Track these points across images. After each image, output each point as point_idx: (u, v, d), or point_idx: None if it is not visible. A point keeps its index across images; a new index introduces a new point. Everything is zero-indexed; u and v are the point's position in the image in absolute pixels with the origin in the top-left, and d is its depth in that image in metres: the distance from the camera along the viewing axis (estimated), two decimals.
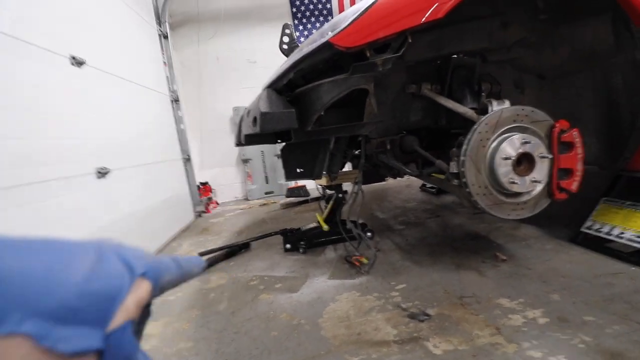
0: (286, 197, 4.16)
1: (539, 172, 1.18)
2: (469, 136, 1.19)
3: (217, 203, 4.50)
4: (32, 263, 0.18)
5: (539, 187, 1.21)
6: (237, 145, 1.81)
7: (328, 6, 4.73)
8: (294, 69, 1.20)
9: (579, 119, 1.53)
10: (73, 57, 1.94)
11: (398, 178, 2.22)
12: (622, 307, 1.20)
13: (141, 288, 0.23)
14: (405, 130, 1.70)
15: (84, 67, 2.04)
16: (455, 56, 1.52)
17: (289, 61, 1.24)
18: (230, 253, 2.28)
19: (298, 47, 1.40)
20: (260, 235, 2.47)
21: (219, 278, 1.97)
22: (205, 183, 4.32)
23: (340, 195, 2.22)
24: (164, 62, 3.69)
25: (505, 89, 1.63)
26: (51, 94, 1.76)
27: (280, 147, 1.77)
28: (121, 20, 2.77)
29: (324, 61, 1.16)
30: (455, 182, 1.27)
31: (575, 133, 1.19)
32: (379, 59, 1.08)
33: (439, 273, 1.64)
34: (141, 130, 2.78)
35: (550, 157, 1.17)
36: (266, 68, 4.49)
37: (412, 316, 1.33)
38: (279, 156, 4.52)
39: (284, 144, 1.77)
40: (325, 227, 2.22)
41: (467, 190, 1.20)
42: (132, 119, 2.65)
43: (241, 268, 2.09)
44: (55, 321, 0.18)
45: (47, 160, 1.66)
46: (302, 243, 2.18)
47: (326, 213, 2.27)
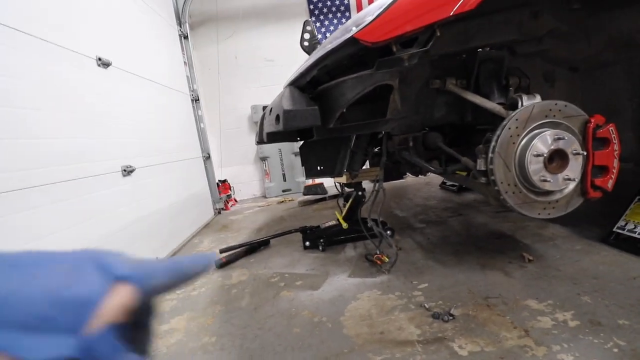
0: (303, 194, 4.17)
1: (572, 170, 1.13)
2: (497, 132, 1.15)
3: (235, 200, 4.56)
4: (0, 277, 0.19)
5: (572, 185, 1.16)
6: (258, 143, 1.82)
7: (346, 2, 4.69)
8: (317, 65, 1.19)
9: (614, 113, 1.46)
10: (99, 59, 2.00)
11: (420, 176, 2.18)
12: None
13: (122, 292, 0.23)
14: (429, 126, 1.67)
15: (110, 68, 2.11)
16: (481, 50, 1.47)
17: (312, 58, 1.24)
18: (250, 250, 2.31)
19: (321, 44, 1.39)
20: (280, 232, 2.49)
21: (240, 274, 2.00)
22: (224, 181, 4.39)
23: (360, 193, 2.20)
24: (185, 62, 3.76)
25: (535, 83, 1.57)
26: (80, 94, 1.82)
27: (299, 144, 1.77)
28: (144, 22, 2.84)
29: (349, 57, 1.15)
30: (482, 179, 1.23)
31: (611, 128, 1.13)
32: (406, 53, 1.06)
33: (463, 273, 1.61)
34: (163, 129, 2.85)
35: (585, 153, 1.12)
36: (284, 66, 4.51)
37: (436, 316, 1.30)
38: (297, 154, 4.54)
39: (302, 142, 1.77)
40: (344, 225, 2.21)
41: (496, 188, 1.16)
42: (155, 118, 2.72)
43: (261, 265, 2.11)
44: (25, 331, 0.18)
45: (79, 159, 1.72)
46: (322, 241, 2.18)
47: (345, 211, 2.26)
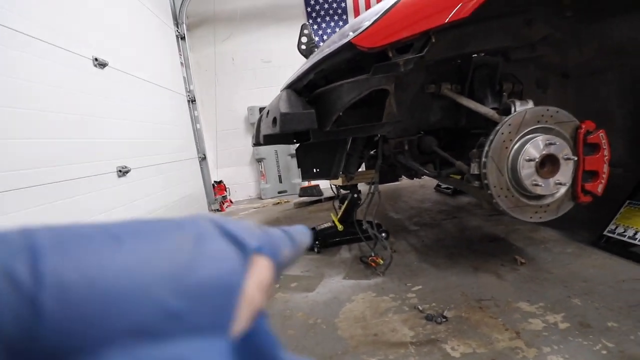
0: (299, 196, 4.18)
1: (563, 174, 1.16)
2: (491, 137, 1.17)
3: (231, 202, 4.55)
4: (105, 263, 0.12)
5: (563, 189, 1.18)
6: (255, 145, 1.83)
7: (343, 5, 4.72)
8: (314, 69, 1.21)
9: (604, 119, 1.49)
10: (96, 59, 2.00)
11: (414, 178, 2.20)
12: None
13: (261, 268, 0.16)
14: (424, 130, 1.69)
15: (106, 68, 2.10)
16: (476, 55, 1.50)
17: (309, 62, 1.25)
18: None
19: (318, 48, 1.40)
20: None
21: None
22: (220, 182, 4.38)
23: (355, 196, 2.22)
24: (181, 63, 3.76)
25: (528, 89, 1.60)
26: (76, 95, 1.82)
27: (295, 146, 1.78)
28: (141, 22, 2.84)
29: (345, 62, 1.17)
30: (476, 183, 1.25)
31: (602, 134, 1.16)
32: (402, 59, 1.07)
33: (456, 275, 1.63)
34: (159, 130, 2.84)
35: (575, 159, 1.14)
36: (280, 68, 4.52)
37: (429, 318, 1.32)
38: (293, 155, 4.55)
39: (298, 144, 1.78)
40: (340, 227, 2.22)
41: (489, 191, 1.18)
42: (151, 118, 2.72)
43: None
44: (152, 339, 0.12)
45: (75, 159, 1.72)
46: (317, 243, 2.18)
47: (341, 213, 2.27)
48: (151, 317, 0.12)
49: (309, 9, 4.71)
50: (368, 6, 4.75)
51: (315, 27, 4.74)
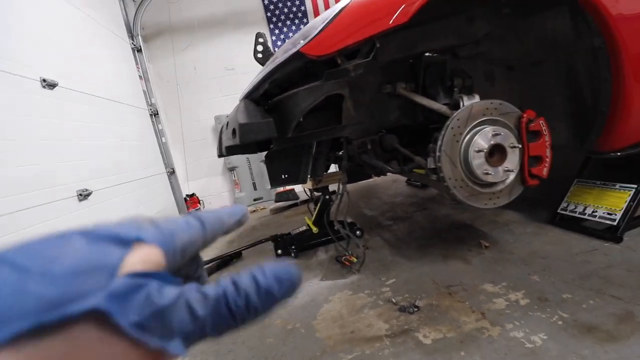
0: (275, 202, 4.16)
1: (511, 162, 1.24)
2: (442, 132, 1.23)
3: None
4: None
5: (512, 175, 1.26)
6: (219, 156, 1.82)
7: (302, 9, 4.75)
8: (268, 79, 1.22)
9: (548, 106, 1.60)
10: (44, 80, 1.91)
11: (383, 176, 2.26)
12: (597, 282, 1.26)
13: (141, 249, 0.20)
14: (385, 129, 1.74)
15: (56, 89, 2.01)
16: (426, 54, 1.57)
17: (264, 71, 1.26)
18: (222, 264, 2.28)
19: (273, 56, 1.42)
20: (251, 243, 2.48)
21: None
22: (192, 195, 4.29)
23: (327, 197, 2.25)
24: (140, 76, 3.65)
25: (477, 83, 1.69)
26: (24, 118, 1.73)
27: (266, 153, 1.79)
28: (92, 38, 2.74)
29: (298, 70, 1.19)
30: (433, 176, 1.31)
31: (541, 122, 1.25)
32: (350, 64, 1.11)
33: (427, 265, 1.69)
34: (121, 148, 2.75)
35: (520, 146, 1.22)
36: (245, 74, 4.48)
37: (402, 309, 1.37)
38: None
39: (263, 152, 1.79)
40: (314, 230, 2.24)
41: (445, 183, 1.24)
42: (111, 136, 2.62)
43: None
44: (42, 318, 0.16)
45: (28, 187, 1.63)
46: (293, 247, 2.20)
47: (315, 215, 2.30)
48: (35, 303, 0.16)
49: (268, 14, 4.70)
50: (328, 9, 4.81)
51: (276, 31, 4.75)
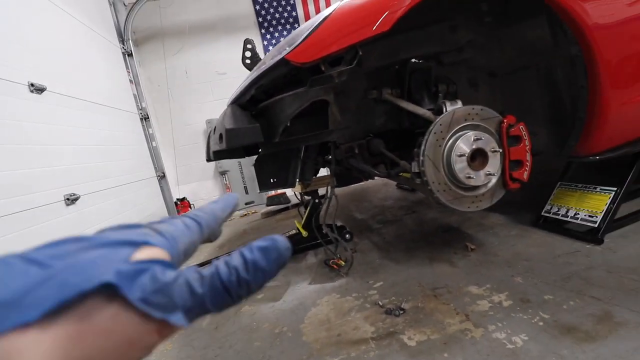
0: (267, 205, 4.17)
1: (492, 166, 1.27)
2: (425, 137, 1.26)
3: None
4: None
5: (494, 179, 1.29)
6: (208, 160, 1.83)
7: (294, 14, 4.80)
8: (254, 85, 1.24)
9: (528, 112, 1.65)
10: (32, 84, 1.90)
11: (371, 179, 2.28)
12: (578, 283, 1.30)
13: (146, 250, 0.22)
14: (372, 133, 1.77)
15: (45, 93, 2.00)
16: (412, 61, 1.60)
17: (250, 77, 1.28)
18: None
19: (260, 62, 1.44)
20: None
21: None
22: (183, 199, 4.26)
23: (316, 201, 2.26)
24: (130, 80, 3.64)
25: (461, 88, 1.73)
26: (11, 123, 1.72)
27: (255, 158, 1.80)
28: (81, 42, 2.73)
29: (283, 76, 1.21)
30: (417, 180, 1.34)
31: (521, 127, 1.28)
32: (334, 71, 1.13)
33: (414, 268, 1.71)
34: (111, 152, 2.73)
35: (501, 151, 1.26)
36: (237, 78, 4.49)
37: (388, 312, 1.38)
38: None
39: (252, 156, 1.80)
40: (304, 233, 2.25)
41: (429, 187, 1.27)
42: (101, 141, 2.61)
43: None
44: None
45: (15, 192, 1.62)
46: None
47: (304, 219, 2.31)
48: (57, 286, 0.18)
49: (260, 19, 4.74)
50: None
51: (268, 36, 4.78)
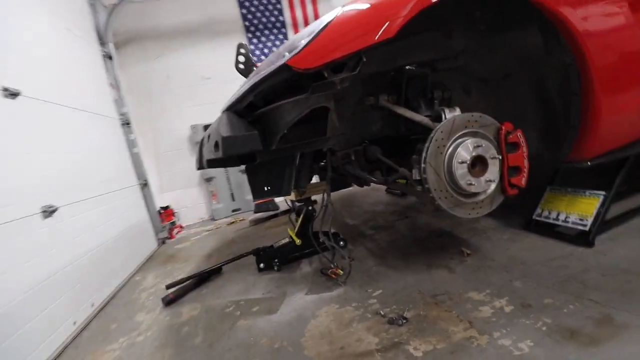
0: (254, 212, 4.08)
1: (492, 172, 1.28)
2: (427, 144, 1.26)
3: (181, 227, 4.29)
4: None
5: (493, 185, 1.30)
6: (198, 169, 1.75)
7: (281, 19, 4.77)
8: (253, 91, 1.20)
9: (520, 118, 1.67)
10: (5, 89, 1.78)
11: (368, 185, 2.27)
12: (575, 286, 1.32)
13: None
14: (368, 140, 1.75)
15: (19, 98, 1.87)
16: (408, 67, 1.60)
17: (248, 83, 1.24)
18: (200, 280, 2.19)
19: (256, 68, 1.39)
20: (232, 258, 2.39)
21: (191, 309, 1.88)
22: (167, 207, 4.11)
23: (310, 208, 2.22)
24: (111, 84, 3.49)
25: (455, 94, 1.74)
26: None
27: (246, 166, 1.74)
28: (59, 44, 2.59)
29: (283, 82, 1.17)
30: (418, 187, 1.33)
31: (519, 134, 1.30)
32: (337, 78, 1.11)
33: (412, 275, 1.70)
34: (90, 160, 2.59)
35: (500, 157, 1.27)
36: (223, 83, 4.41)
37: (391, 322, 1.36)
38: (244, 172, 4.44)
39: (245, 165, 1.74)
40: (298, 242, 2.21)
41: (431, 195, 1.26)
42: (79, 149, 2.47)
43: (214, 295, 2.01)
44: None
45: None
46: (276, 260, 2.14)
47: (298, 227, 2.26)
48: None
49: (247, 23, 4.68)
50: (306, 20, 4.85)
51: (255, 40, 4.72)
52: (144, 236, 3.36)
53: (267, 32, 4.74)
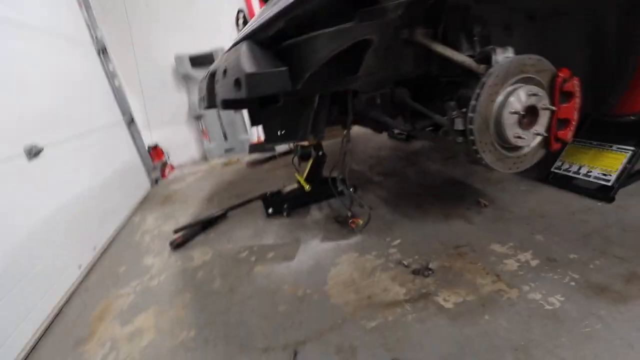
0: (249, 153, 3.91)
1: (541, 124, 1.18)
2: (477, 90, 1.11)
3: (172, 167, 4.12)
4: None
5: (538, 138, 1.21)
6: (207, 108, 1.55)
7: None
8: (285, 15, 0.98)
9: (565, 63, 1.53)
10: None
11: (387, 131, 2.14)
12: (599, 242, 1.33)
13: None
14: (395, 82, 1.58)
15: None
16: None
17: (277, 6, 1.01)
18: (207, 224, 2.13)
19: None
20: (241, 202, 2.31)
21: (202, 254, 1.85)
22: (156, 146, 3.88)
23: (320, 154, 2.11)
24: (79, 2, 2.96)
25: (495, 32, 1.54)
26: None
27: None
28: None
29: (324, 6, 0.96)
30: (459, 139, 1.22)
31: (576, 82, 1.17)
32: (391, 3, 0.91)
33: (430, 225, 1.68)
34: (67, 93, 2.29)
35: (554, 109, 1.15)
36: (209, 5, 3.86)
37: (416, 272, 1.36)
38: (236, 110, 4.15)
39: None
40: (307, 187, 2.13)
41: (474, 147, 1.16)
42: (54, 77, 2.15)
43: (224, 239, 1.96)
44: None
45: None
46: (285, 206, 2.08)
47: (307, 172, 2.17)
48: None
49: None
50: None
51: None
52: (136, 176, 3.20)
53: None
